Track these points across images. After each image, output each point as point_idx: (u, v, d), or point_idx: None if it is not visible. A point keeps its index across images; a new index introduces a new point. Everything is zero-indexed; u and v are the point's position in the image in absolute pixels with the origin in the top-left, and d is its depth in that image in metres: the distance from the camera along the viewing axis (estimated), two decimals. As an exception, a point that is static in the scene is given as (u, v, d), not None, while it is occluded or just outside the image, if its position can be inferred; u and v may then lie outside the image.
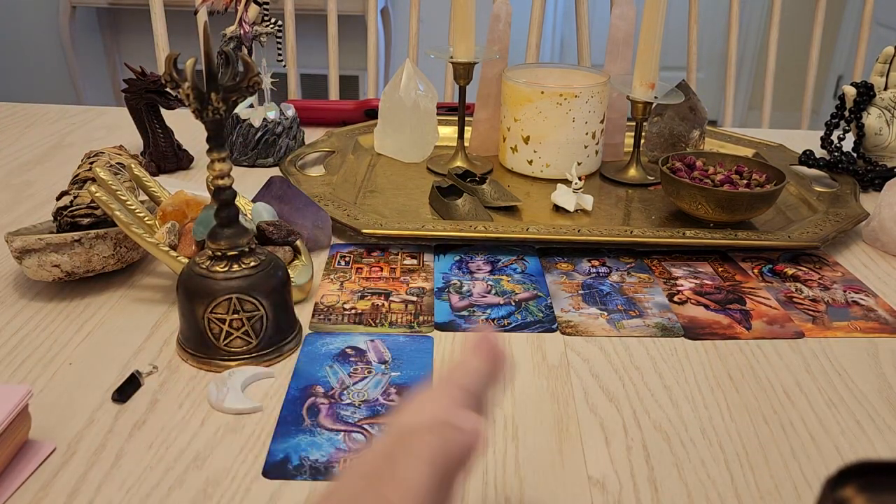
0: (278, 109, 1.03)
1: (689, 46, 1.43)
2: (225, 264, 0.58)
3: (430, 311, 0.68)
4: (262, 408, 0.55)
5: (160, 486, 0.47)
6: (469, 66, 0.96)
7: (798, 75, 1.74)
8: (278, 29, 0.98)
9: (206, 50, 0.52)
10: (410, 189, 0.94)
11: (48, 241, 0.65)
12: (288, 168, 0.95)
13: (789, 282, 0.75)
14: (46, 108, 1.26)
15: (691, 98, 1.01)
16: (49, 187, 0.94)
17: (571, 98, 0.93)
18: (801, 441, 0.53)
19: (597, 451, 0.52)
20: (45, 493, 0.47)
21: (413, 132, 1.01)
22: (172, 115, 1.04)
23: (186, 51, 0.54)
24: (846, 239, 0.84)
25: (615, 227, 0.83)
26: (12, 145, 1.10)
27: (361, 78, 2.90)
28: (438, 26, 2.71)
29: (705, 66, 3.16)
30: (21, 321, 0.65)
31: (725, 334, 0.66)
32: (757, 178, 0.86)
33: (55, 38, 2.78)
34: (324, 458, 0.50)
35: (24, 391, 0.48)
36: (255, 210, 0.73)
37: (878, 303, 0.72)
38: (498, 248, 0.80)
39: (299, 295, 0.68)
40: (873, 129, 1.00)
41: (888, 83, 1.01)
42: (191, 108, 0.54)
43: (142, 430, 0.52)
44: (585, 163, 0.98)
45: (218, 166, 0.56)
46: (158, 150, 0.99)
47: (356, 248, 0.80)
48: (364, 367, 0.60)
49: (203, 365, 0.59)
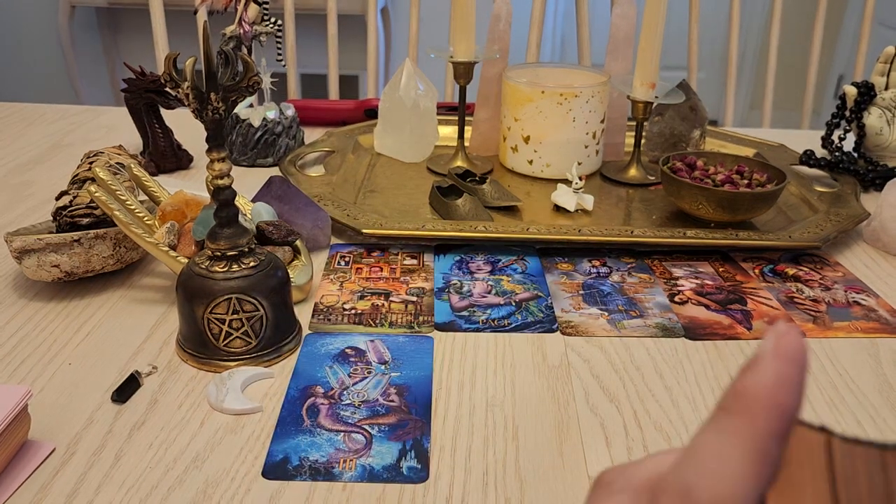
0: (278, 109, 1.02)
1: (689, 46, 1.43)
2: (224, 264, 0.58)
3: (430, 312, 0.68)
4: (261, 408, 0.55)
5: (160, 487, 0.47)
6: (469, 66, 0.96)
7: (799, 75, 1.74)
8: (278, 28, 0.98)
9: (206, 50, 0.52)
10: (410, 189, 0.93)
11: (47, 241, 0.65)
12: (287, 168, 0.95)
13: (790, 282, 0.75)
14: (46, 108, 1.26)
15: (692, 98, 1.01)
16: (48, 187, 0.94)
17: (572, 98, 0.93)
18: (802, 441, 0.53)
19: (597, 451, 0.51)
20: (45, 493, 0.47)
21: (413, 132, 1.01)
22: (172, 114, 1.04)
23: (186, 50, 0.54)
24: (847, 239, 0.84)
25: (616, 227, 0.82)
26: (11, 145, 1.09)
27: (361, 78, 2.90)
28: (438, 26, 2.71)
29: (706, 65, 3.15)
30: (20, 321, 0.65)
31: (726, 334, 0.66)
32: (758, 178, 0.86)
33: (54, 37, 2.77)
34: (323, 459, 0.50)
35: (24, 391, 0.48)
36: (255, 210, 0.73)
37: (879, 303, 0.72)
38: (498, 248, 0.80)
39: (299, 295, 0.68)
40: (874, 129, 1.00)
41: (889, 83, 1.01)
42: (190, 107, 0.54)
43: (141, 431, 0.52)
44: (586, 163, 0.98)
45: (217, 166, 0.56)
46: (158, 149, 0.99)
47: (356, 248, 0.80)
48: (364, 367, 0.60)
49: (203, 365, 0.59)
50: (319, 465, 0.49)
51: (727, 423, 0.20)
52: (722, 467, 0.19)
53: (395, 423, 0.54)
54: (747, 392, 0.20)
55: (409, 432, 0.53)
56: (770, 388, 0.20)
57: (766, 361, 0.20)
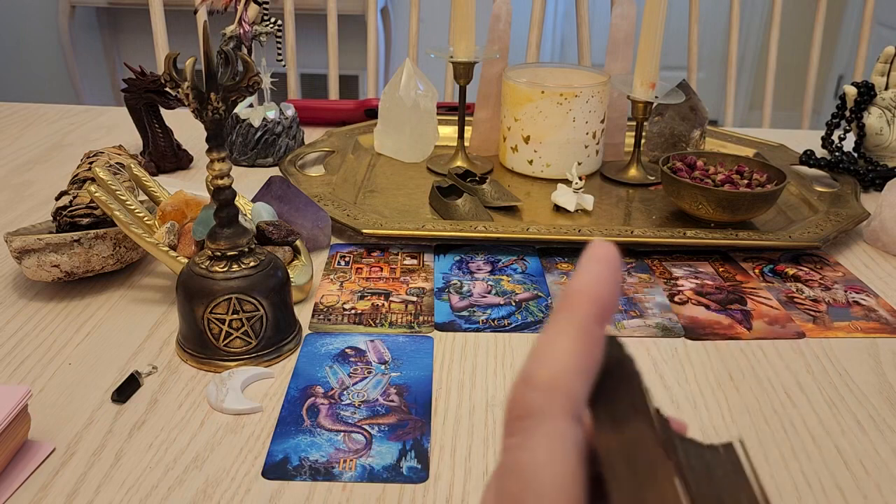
0: (278, 109, 1.02)
1: (689, 46, 1.43)
2: (224, 264, 0.58)
3: (430, 312, 0.68)
4: (261, 408, 0.55)
5: (160, 487, 0.47)
6: (469, 66, 0.96)
7: (799, 75, 1.74)
8: (278, 28, 0.98)
9: (206, 49, 0.52)
10: (410, 189, 0.94)
11: (47, 241, 0.65)
12: (288, 168, 0.95)
13: (790, 282, 0.75)
14: (46, 108, 1.26)
15: (692, 98, 1.01)
16: (48, 187, 0.94)
17: (572, 98, 0.93)
18: (801, 441, 0.53)
19: (597, 451, 0.51)
20: (45, 493, 0.47)
21: (413, 132, 1.01)
22: (172, 114, 1.04)
23: (186, 50, 0.54)
24: (847, 239, 0.84)
25: (616, 227, 0.82)
26: (12, 145, 1.09)
27: (361, 78, 2.90)
28: (438, 26, 2.71)
29: (706, 65, 3.15)
30: (20, 321, 0.65)
31: (726, 334, 0.66)
32: (758, 178, 0.86)
33: (55, 37, 2.77)
34: (323, 459, 0.50)
35: (24, 391, 0.48)
36: (255, 210, 0.73)
37: (879, 303, 0.72)
38: (498, 248, 0.80)
39: (299, 295, 0.68)
40: (874, 129, 1.00)
41: (889, 83, 1.01)
42: (190, 107, 0.54)
43: (141, 431, 0.52)
44: (586, 162, 0.98)
45: (217, 166, 0.56)
46: (158, 149, 0.99)
47: (356, 248, 0.80)
48: (364, 367, 0.60)
49: (203, 365, 0.59)
50: (319, 465, 0.49)
51: (556, 318, 0.23)
52: (552, 350, 0.22)
53: (395, 423, 0.54)
54: (571, 291, 0.23)
55: (409, 432, 0.53)
56: (587, 283, 0.23)
57: (584, 266, 0.23)
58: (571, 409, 0.21)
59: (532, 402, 0.21)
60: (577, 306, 0.23)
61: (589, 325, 0.22)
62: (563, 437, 0.21)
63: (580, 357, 0.22)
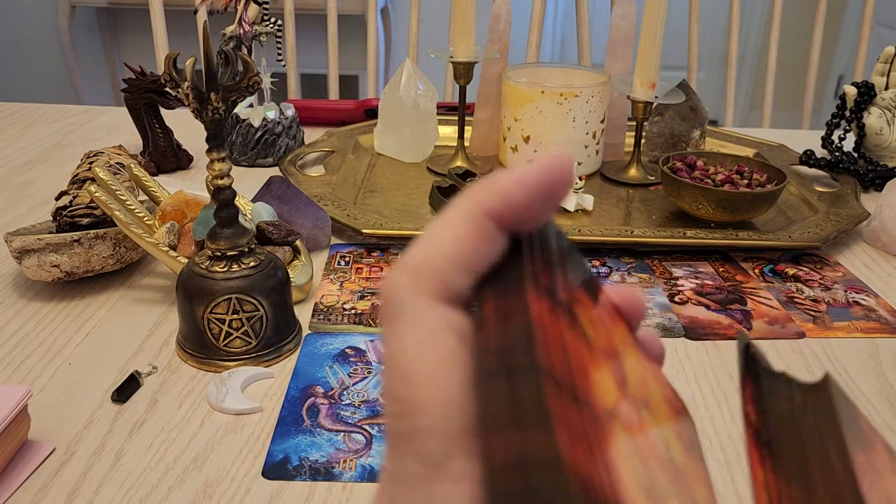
0: (278, 109, 1.02)
1: (689, 46, 1.43)
2: (224, 264, 0.58)
3: (431, 312, 0.68)
4: (261, 408, 0.55)
5: (160, 487, 0.47)
6: (469, 66, 0.96)
7: (799, 75, 1.74)
8: (278, 28, 0.98)
9: (206, 50, 0.52)
10: (410, 189, 0.93)
11: (47, 241, 0.65)
12: (288, 168, 0.95)
13: (790, 282, 0.75)
14: (46, 108, 1.26)
15: (692, 98, 1.01)
16: (48, 187, 0.94)
17: (572, 98, 0.93)
18: (802, 441, 0.53)
19: (597, 451, 0.51)
20: (45, 493, 0.47)
21: (413, 132, 1.01)
22: (172, 114, 1.04)
23: (186, 50, 0.54)
24: (847, 239, 0.84)
25: (616, 227, 0.82)
26: (12, 145, 1.09)
27: (361, 78, 2.90)
28: (438, 26, 2.71)
29: (706, 65, 3.15)
30: (20, 321, 0.65)
31: (726, 334, 0.66)
32: (758, 178, 0.86)
33: (54, 37, 2.77)
34: (323, 459, 0.50)
35: (24, 391, 0.48)
36: (255, 210, 0.73)
37: (879, 303, 0.72)
38: (498, 248, 0.80)
39: (299, 295, 0.68)
40: (874, 129, 1.00)
41: (889, 83, 1.01)
42: (190, 107, 0.54)
43: (141, 431, 0.52)
44: (586, 162, 0.98)
45: (217, 166, 0.56)
46: (158, 149, 0.99)
47: (356, 248, 0.80)
48: (364, 367, 0.60)
49: (203, 365, 0.59)
50: (319, 464, 0.49)
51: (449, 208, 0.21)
52: (434, 234, 0.20)
53: (395, 423, 0.54)
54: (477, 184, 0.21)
55: (409, 432, 0.53)
56: (498, 178, 0.21)
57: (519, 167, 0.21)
58: (442, 293, 0.20)
59: (397, 284, 0.20)
60: (475, 194, 0.21)
61: (478, 217, 0.20)
62: (433, 321, 0.20)
63: (458, 243, 0.20)
